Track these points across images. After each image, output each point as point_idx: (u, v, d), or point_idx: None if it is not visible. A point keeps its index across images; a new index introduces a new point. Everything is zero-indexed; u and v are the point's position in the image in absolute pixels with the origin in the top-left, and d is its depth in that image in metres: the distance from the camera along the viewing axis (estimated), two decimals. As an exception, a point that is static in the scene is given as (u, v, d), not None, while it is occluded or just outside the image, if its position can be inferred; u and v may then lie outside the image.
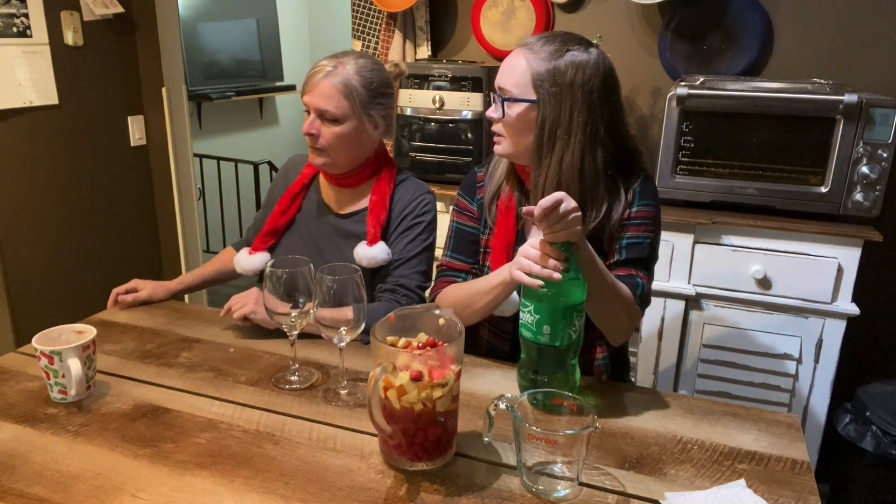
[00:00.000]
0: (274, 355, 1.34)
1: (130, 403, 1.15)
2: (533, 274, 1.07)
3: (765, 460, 1.03)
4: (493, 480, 0.96)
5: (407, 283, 1.46)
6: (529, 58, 1.24)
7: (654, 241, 1.30)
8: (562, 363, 1.11)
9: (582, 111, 1.23)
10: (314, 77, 1.44)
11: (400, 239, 1.50)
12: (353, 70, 1.44)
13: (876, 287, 2.18)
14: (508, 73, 1.27)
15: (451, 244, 1.45)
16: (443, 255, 1.45)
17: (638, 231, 1.28)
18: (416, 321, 1.02)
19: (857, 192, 1.88)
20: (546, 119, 1.24)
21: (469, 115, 2.27)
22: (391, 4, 2.49)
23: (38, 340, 1.13)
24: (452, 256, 1.44)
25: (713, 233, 1.99)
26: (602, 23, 2.40)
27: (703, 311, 2.03)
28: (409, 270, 1.47)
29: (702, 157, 2.02)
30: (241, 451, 1.02)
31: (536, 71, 1.23)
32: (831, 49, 2.19)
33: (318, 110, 1.43)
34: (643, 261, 1.28)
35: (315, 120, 1.44)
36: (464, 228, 1.44)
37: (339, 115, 1.43)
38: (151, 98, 2.81)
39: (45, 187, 2.46)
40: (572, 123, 1.23)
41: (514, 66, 1.26)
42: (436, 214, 1.55)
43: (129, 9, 2.67)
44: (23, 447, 1.02)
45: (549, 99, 1.23)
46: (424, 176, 2.34)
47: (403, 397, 0.93)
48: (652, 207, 1.30)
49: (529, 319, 1.09)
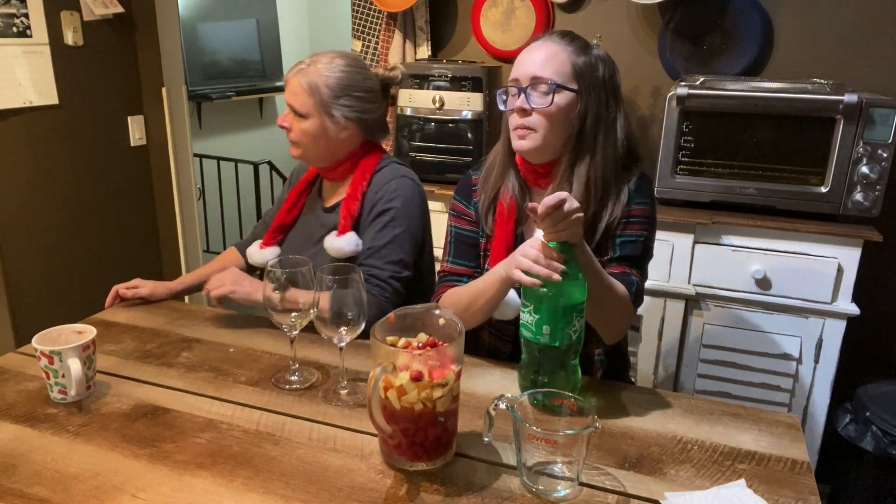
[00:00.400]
0: (274, 355, 1.34)
1: (130, 403, 1.15)
2: (532, 273, 1.07)
3: (765, 460, 1.03)
4: (493, 480, 0.96)
5: (378, 274, 1.46)
6: (565, 49, 1.23)
7: (647, 239, 1.30)
8: (562, 364, 1.11)
9: (613, 106, 1.25)
10: (289, 73, 1.51)
11: (370, 229, 1.51)
12: (321, 69, 1.48)
13: (876, 287, 2.18)
14: (547, 61, 1.23)
15: (451, 249, 1.44)
16: (443, 261, 1.45)
17: (633, 229, 1.28)
18: (416, 321, 1.02)
19: (857, 192, 1.88)
20: (589, 111, 1.23)
21: (469, 115, 2.27)
22: (391, 4, 2.49)
23: (38, 340, 1.13)
24: (454, 262, 1.43)
25: (713, 233, 1.99)
26: (602, 23, 2.40)
27: (703, 311, 2.03)
28: (380, 261, 1.47)
29: (702, 157, 2.02)
30: (241, 451, 1.02)
31: (576, 62, 1.23)
32: (831, 49, 2.19)
33: (289, 105, 1.50)
34: (637, 259, 1.28)
35: (288, 114, 1.51)
36: (463, 233, 1.43)
37: (303, 112, 1.49)
38: (151, 98, 2.81)
39: (45, 187, 2.46)
40: (609, 117, 1.24)
41: (553, 55, 1.23)
42: (410, 199, 1.53)
43: (129, 9, 2.67)
44: (23, 447, 1.02)
45: (591, 91, 1.23)
46: (424, 176, 2.34)
47: (403, 397, 0.93)
48: (647, 206, 1.29)
49: (529, 319, 1.09)
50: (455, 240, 1.43)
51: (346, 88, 1.50)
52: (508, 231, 1.33)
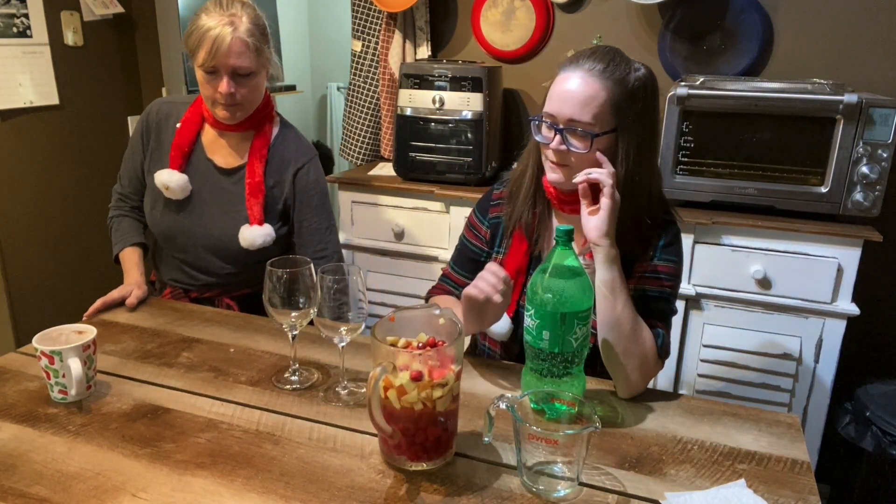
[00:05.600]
0: (274, 355, 1.34)
1: (131, 403, 1.15)
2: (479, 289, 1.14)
3: (765, 460, 1.03)
4: (493, 480, 0.97)
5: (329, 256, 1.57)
6: (604, 85, 1.18)
7: (672, 296, 1.28)
8: (565, 370, 1.08)
9: (655, 127, 1.24)
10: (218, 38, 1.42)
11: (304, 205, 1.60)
12: (249, 20, 1.46)
13: (876, 287, 2.18)
14: (587, 103, 1.17)
15: (455, 255, 1.48)
16: (448, 262, 1.49)
17: (660, 285, 1.25)
18: (416, 321, 1.02)
19: (857, 192, 1.88)
20: (631, 147, 1.20)
21: (469, 116, 2.27)
22: (391, 4, 2.49)
23: (38, 340, 1.13)
24: (453, 268, 1.47)
25: (713, 233, 1.99)
26: (602, 23, 2.40)
27: (703, 311, 2.03)
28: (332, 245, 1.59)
29: (702, 157, 2.02)
30: (241, 451, 1.02)
31: (616, 100, 1.18)
32: (831, 49, 2.19)
33: (229, 67, 1.44)
34: (663, 314, 1.26)
35: (230, 80, 1.46)
36: (469, 245, 1.45)
37: (254, 69, 1.47)
38: (151, 98, 2.80)
39: (46, 187, 2.46)
40: (649, 143, 1.23)
41: (593, 96, 1.17)
42: None
43: (129, 9, 2.67)
44: (23, 447, 1.02)
45: (631, 127, 1.19)
46: (424, 176, 2.35)
47: (403, 397, 0.93)
48: (676, 265, 1.28)
49: (531, 324, 1.08)
50: (461, 248, 1.47)
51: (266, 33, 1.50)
52: (520, 252, 1.33)
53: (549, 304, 1.04)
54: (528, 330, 1.09)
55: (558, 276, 1.05)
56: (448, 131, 2.31)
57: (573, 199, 1.23)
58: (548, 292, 1.04)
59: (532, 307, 1.07)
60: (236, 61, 1.44)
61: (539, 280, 1.06)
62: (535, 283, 1.06)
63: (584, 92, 1.17)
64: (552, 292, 1.04)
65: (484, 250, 1.41)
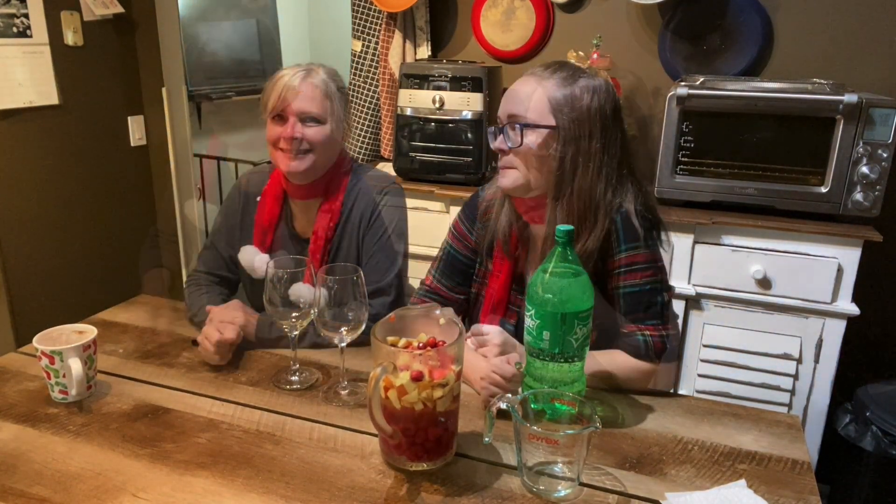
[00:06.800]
0: (274, 355, 1.34)
1: (131, 403, 1.15)
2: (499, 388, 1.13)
3: (765, 460, 1.03)
4: (494, 480, 0.97)
5: None
6: (543, 84, 1.20)
7: (653, 283, 1.21)
8: (566, 371, 1.08)
9: (599, 137, 1.19)
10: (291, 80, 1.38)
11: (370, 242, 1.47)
12: (326, 74, 1.42)
13: (876, 287, 2.18)
14: (522, 100, 1.21)
15: (440, 266, 1.40)
16: (429, 273, 1.41)
17: (632, 278, 1.21)
18: (416, 321, 1.02)
19: (857, 192, 1.88)
20: (568, 145, 1.19)
21: (469, 115, 2.27)
22: (391, 4, 2.49)
23: (38, 340, 1.13)
24: (438, 280, 1.40)
25: (713, 233, 1.99)
26: (602, 23, 2.40)
27: (703, 311, 2.03)
28: None
29: (702, 157, 2.02)
30: (241, 451, 1.02)
31: (554, 96, 1.19)
32: (831, 49, 2.19)
33: (299, 113, 1.37)
34: (647, 309, 1.21)
35: (297, 123, 1.37)
36: (456, 255, 1.39)
37: (322, 116, 1.39)
38: (151, 98, 2.81)
39: (46, 187, 2.46)
40: (591, 149, 1.19)
41: (529, 93, 1.21)
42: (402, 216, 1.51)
43: (129, 9, 2.66)
44: (23, 447, 1.02)
45: (570, 125, 1.19)
46: (424, 176, 2.35)
47: (404, 397, 0.93)
48: (638, 250, 1.21)
49: (531, 324, 1.07)
50: (446, 257, 1.40)
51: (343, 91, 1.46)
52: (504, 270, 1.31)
53: (549, 305, 1.04)
54: (528, 330, 1.09)
55: (558, 276, 1.05)
56: (448, 131, 2.31)
57: (536, 206, 1.25)
58: (548, 292, 1.04)
59: (532, 307, 1.07)
60: (303, 104, 1.36)
61: (539, 280, 1.06)
62: (536, 283, 1.06)
63: (522, 90, 1.22)
64: (552, 292, 1.04)
65: (473, 258, 1.38)
